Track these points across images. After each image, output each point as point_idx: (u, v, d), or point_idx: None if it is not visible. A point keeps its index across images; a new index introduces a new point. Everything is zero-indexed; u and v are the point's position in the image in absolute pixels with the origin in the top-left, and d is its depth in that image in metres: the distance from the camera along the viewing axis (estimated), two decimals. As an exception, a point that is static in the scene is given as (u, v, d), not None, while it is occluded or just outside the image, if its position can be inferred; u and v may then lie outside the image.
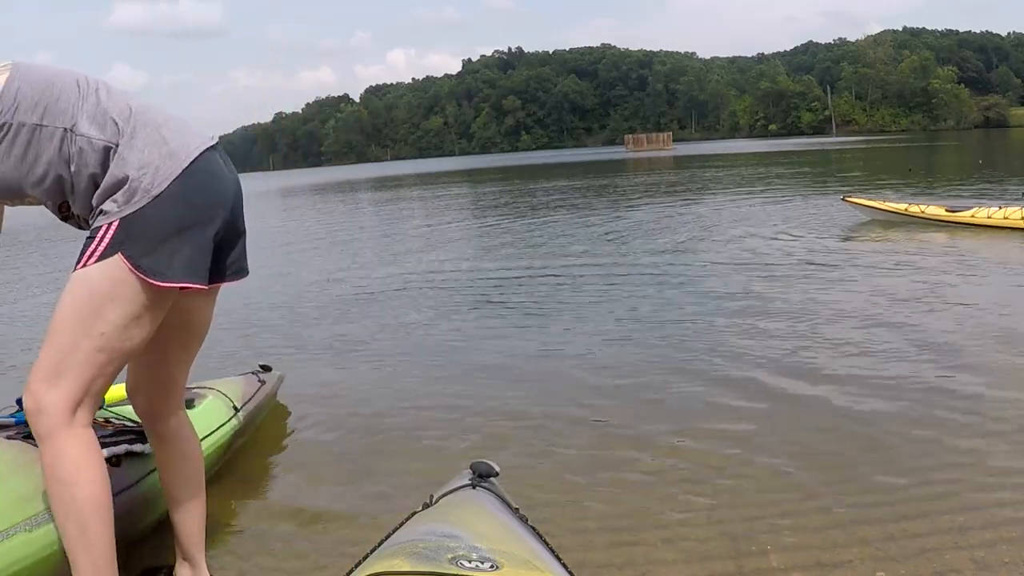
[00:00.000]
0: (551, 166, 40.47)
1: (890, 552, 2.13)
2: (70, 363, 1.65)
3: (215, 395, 2.93)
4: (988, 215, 7.99)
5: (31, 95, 1.68)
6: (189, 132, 1.77)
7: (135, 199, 1.65)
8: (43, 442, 1.66)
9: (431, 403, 3.62)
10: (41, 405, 1.64)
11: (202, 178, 1.72)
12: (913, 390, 3.37)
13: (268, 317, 5.78)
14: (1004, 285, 5.46)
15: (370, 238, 11.37)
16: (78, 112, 1.69)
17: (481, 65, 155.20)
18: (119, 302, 1.65)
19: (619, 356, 4.19)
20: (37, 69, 1.74)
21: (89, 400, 1.69)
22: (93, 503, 1.64)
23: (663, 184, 19.63)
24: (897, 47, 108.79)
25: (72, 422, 1.66)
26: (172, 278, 1.67)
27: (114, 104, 1.73)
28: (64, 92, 1.71)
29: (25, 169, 1.70)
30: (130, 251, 1.64)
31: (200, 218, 1.71)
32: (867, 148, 37.94)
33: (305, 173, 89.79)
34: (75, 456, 1.64)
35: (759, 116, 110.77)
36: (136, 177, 1.66)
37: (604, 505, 2.52)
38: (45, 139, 1.68)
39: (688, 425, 3.16)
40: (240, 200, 1.87)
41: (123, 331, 1.67)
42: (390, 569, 1.16)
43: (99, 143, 1.68)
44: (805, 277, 6.04)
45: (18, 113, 1.67)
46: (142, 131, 1.70)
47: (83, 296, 1.66)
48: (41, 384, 1.65)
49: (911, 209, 8.91)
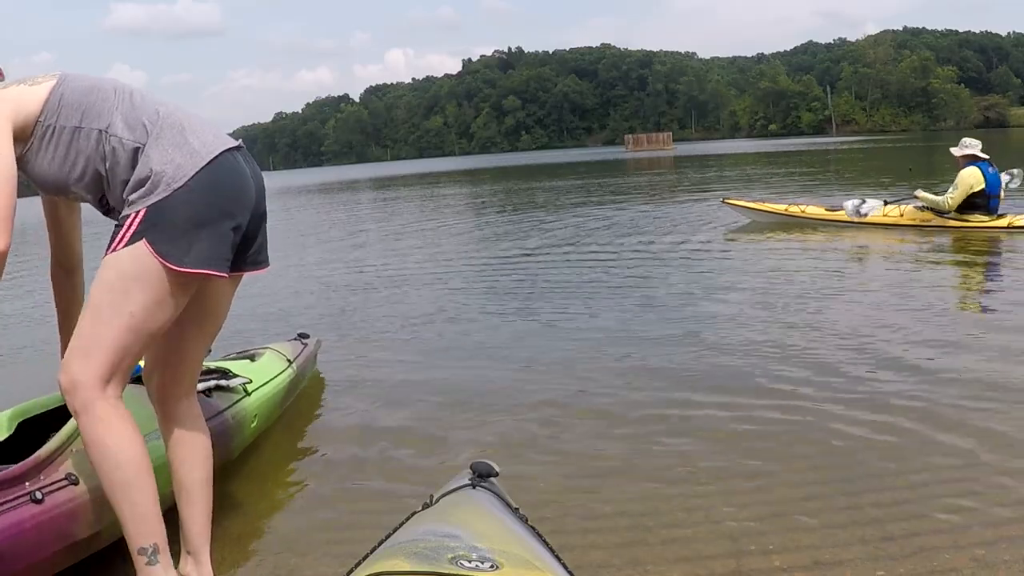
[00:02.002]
0: (553, 166, 40.44)
1: (890, 552, 2.13)
2: (101, 341, 1.80)
3: (270, 351, 3.49)
4: None
5: (73, 100, 1.88)
6: (211, 134, 1.92)
7: (158, 191, 1.80)
8: (80, 416, 1.80)
9: (430, 402, 3.62)
10: (75, 380, 1.79)
11: (221, 176, 1.86)
12: (913, 389, 3.37)
13: (291, 305, 5.79)
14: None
15: (376, 233, 11.37)
16: (113, 115, 1.87)
17: (481, 65, 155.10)
18: (145, 284, 1.80)
19: (620, 356, 4.19)
20: (80, 78, 1.93)
21: (118, 375, 1.83)
22: (135, 465, 1.80)
23: (675, 182, 19.63)
24: (897, 47, 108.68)
25: (104, 395, 1.80)
26: (189, 264, 1.81)
27: (144, 108, 1.90)
28: (101, 97, 1.89)
29: (68, 167, 1.89)
30: (152, 237, 1.79)
31: (218, 212, 1.85)
32: (867, 148, 37.92)
33: (306, 173, 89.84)
34: (112, 424, 1.80)
35: (759, 116, 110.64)
36: (159, 172, 1.81)
37: (604, 505, 2.53)
38: (84, 139, 1.87)
39: (688, 425, 3.17)
40: (262, 199, 2.03)
41: (149, 312, 1.82)
42: (390, 569, 1.16)
43: (129, 143, 1.85)
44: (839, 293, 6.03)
45: (60, 117, 1.86)
46: (167, 132, 1.86)
47: (112, 278, 1.81)
48: (75, 361, 1.80)
49: (791, 209, 9.28)
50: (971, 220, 7.86)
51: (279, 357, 3.45)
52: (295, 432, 3.40)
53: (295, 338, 3.99)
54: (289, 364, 3.44)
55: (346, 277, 7.63)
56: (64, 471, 2.01)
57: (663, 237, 8.90)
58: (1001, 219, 7.80)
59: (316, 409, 3.67)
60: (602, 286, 6.25)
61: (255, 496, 2.79)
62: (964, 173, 7.79)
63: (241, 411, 2.81)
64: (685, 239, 8.64)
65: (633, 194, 16.53)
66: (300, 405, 3.67)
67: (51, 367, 2.00)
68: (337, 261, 8.97)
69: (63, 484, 1.98)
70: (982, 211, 7.82)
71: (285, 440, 3.32)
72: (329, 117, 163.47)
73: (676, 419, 3.24)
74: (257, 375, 3.09)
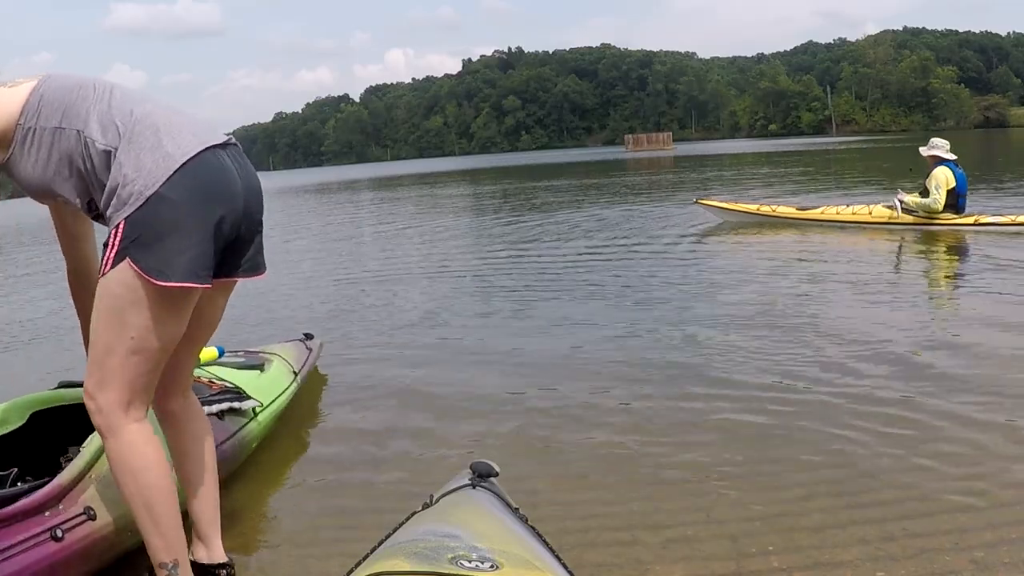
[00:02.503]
0: (553, 166, 40.42)
1: (890, 552, 2.13)
2: (110, 367, 1.77)
3: (278, 360, 3.47)
4: (836, 212, 8.82)
5: (53, 101, 1.80)
6: (190, 132, 1.80)
7: (131, 201, 1.71)
8: (106, 438, 1.82)
9: (429, 402, 3.62)
10: (98, 406, 1.79)
11: (199, 176, 1.75)
12: (913, 389, 3.37)
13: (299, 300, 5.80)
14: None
15: (375, 233, 11.37)
16: (90, 115, 1.78)
17: (481, 65, 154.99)
18: (139, 307, 1.74)
19: (621, 357, 4.19)
20: (65, 76, 1.86)
21: (138, 397, 1.82)
22: (157, 486, 1.81)
23: (675, 182, 19.63)
24: (897, 47, 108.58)
25: (127, 418, 1.80)
26: (173, 278, 1.71)
27: (120, 108, 1.80)
28: (81, 96, 1.81)
29: (51, 169, 1.82)
30: (135, 255, 1.71)
31: (197, 216, 1.74)
32: (867, 148, 37.90)
33: (306, 173, 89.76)
34: (136, 447, 1.80)
35: (759, 116, 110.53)
36: (131, 180, 1.71)
37: (604, 505, 2.53)
38: (64, 140, 1.79)
39: (688, 425, 3.17)
40: (254, 197, 1.92)
41: (150, 332, 1.77)
42: (390, 569, 1.16)
43: (101, 147, 1.76)
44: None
45: (40, 119, 1.79)
46: (140, 135, 1.75)
47: (107, 305, 1.77)
48: (94, 388, 1.80)
49: (763, 209, 9.54)
50: (941, 218, 8.07)
51: (286, 369, 3.47)
52: (293, 432, 3.40)
53: (300, 338, 4.04)
54: (294, 377, 3.45)
55: (346, 277, 7.62)
56: (83, 504, 2.01)
57: (659, 236, 8.90)
58: (968, 217, 8.05)
59: (315, 409, 3.67)
60: (602, 286, 6.25)
61: (252, 497, 2.78)
62: (939, 172, 7.98)
63: (247, 434, 2.85)
64: (684, 237, 8.65)
65: (632, 194, 16.52)
66: (300, 405, 3.66)
67: (71, 356, 1.99)
68: (337, 261, 8.97)
69: (82, 519, 1.98)
70: (952, 210, 8.03)
71: (285, 440, 3.32)
72: (329, 117, 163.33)
73: (676, 419, 3.23)
74: (265, 394, 3.10)
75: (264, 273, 2.02)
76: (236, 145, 1.92)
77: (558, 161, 48.15)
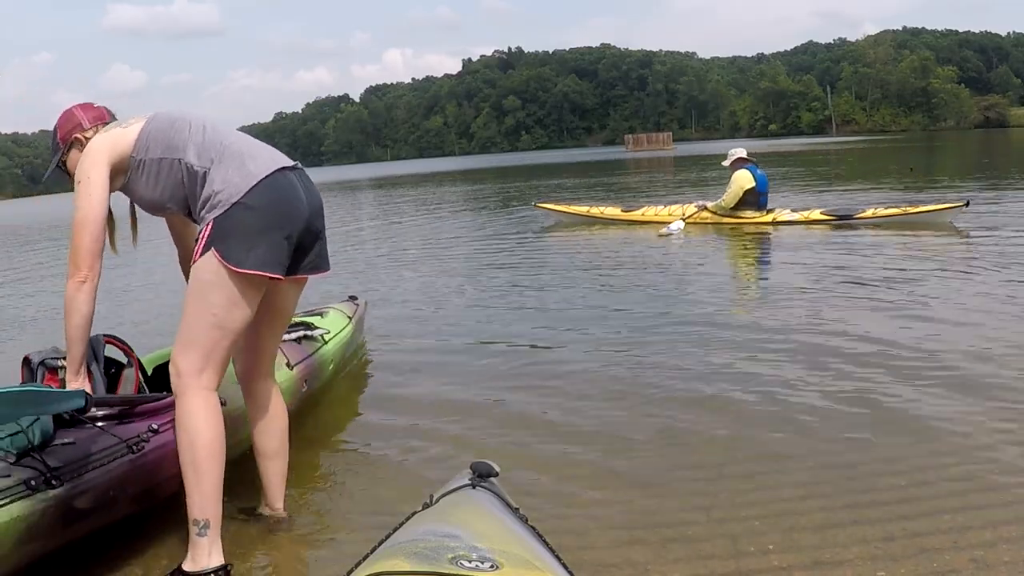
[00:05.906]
0: (552, 166, 40.42)
1: (890, 552, 2.13)
2: (194, 337, 2.18)
3: (333, 310, 4.21)
4: (655, 212, 9.73)
5: (157, 137, 2.27)
6: (268, 157, 2.27)
7: (220, 206, 2.16)
8: (177, 399, 2.18)
9: (429, 402, 3.63)
10: (177, 369, 2.17)
11: (272, 192, 2.20)
12: (913, 389, 3.37)
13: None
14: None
15: (375, 233, 11.37)
16: (188, 146, 2.25)
17: (481, 65, 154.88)
18: (220, 287, 2.15)
19: (620, 358, 4.19)
20: (163, 117, 2.32)
21: (212, 366, 2.19)
22: (208, 450, 2.13)
23: (674, 182, 19.63)
24: (897, 47, 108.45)
25: (199, 384, 2.16)
26: (249, 267, 2.14)
27: (213, 141, 2.26)
28: (179, 131, 2.27)
29: (159, 191, 2.30)
30: (219, 246, 2.14)
31: (270, 223, 2.17)
32: (866, 148, 37.91)
33: (310, 173, 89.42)
34: (199, 411, 2.15)
35: (759, 116, 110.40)
36: (220, 191, 2.17)
37: (604, 505, 2.53)
38: (166, 168, 2.26)
39: (688, 426, 3.17)
40: (317, 215, 2.34)
41: (228, 310, 2.16)
42: (390, 569, 1.16)
43: (198, 169, 2.23)
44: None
45: (149, 151, 2.26)
46: (229, 158, 2.22)
47: (195, 286, 2.19)
48: (177, 354, 2.19)
49: (592, 211, 10.46)
50: (743, 216, 8.90)
51: (341, 314, 4.16)
52: (292, 432, 3.40)
53: (347, 300, 4.64)
54: (349, 320, 4.13)
55: (345, 277, 7.62)
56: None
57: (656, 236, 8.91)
58: (768, 215, 8.91)
59: (315, 409, 3.67)
60: (603, 286, 6.25)
61: (250, 497, 2.78)
62: (737, 174, 8.86)
63: (324, 354, 3.57)
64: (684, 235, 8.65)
65: (627, 194, 16.52)
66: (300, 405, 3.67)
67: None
68: (337, 261, 8.95)
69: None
70: (753, 208, 8.88)
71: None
72: (329, 117, 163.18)
73: (675, 419, 3.24)
74: (330, 327, 3.83)
75: (327, 271, 2.42)
76: (302, 169, 2.36)
77: (558, 161, 48.13)
